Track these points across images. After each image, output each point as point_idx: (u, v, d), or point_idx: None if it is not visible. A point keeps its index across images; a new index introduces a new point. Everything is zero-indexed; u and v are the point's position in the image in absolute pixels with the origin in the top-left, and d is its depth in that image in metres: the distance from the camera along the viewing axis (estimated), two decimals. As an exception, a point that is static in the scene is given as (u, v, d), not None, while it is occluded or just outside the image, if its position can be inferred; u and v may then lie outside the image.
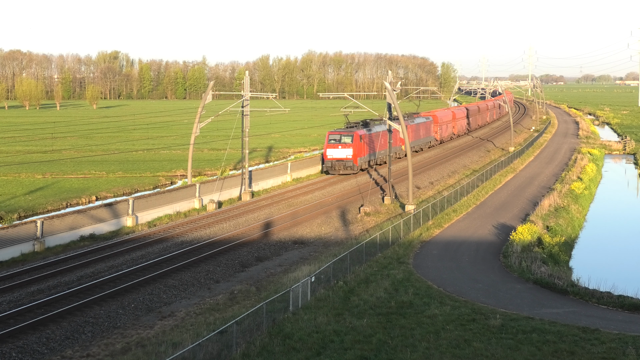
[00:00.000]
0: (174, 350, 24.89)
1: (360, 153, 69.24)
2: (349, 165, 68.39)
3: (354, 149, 68.42)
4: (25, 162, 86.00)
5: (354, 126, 72.87)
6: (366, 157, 71.22)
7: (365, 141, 70.47)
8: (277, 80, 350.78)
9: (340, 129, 73.46)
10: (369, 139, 71.94)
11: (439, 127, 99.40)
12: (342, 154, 68.63)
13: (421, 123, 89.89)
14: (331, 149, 68.71)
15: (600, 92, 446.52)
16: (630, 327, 28.50)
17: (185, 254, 40.06)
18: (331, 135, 69.61)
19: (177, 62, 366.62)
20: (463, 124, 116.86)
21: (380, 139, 73.63)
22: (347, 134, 69.24)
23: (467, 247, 42.62)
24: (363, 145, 69.82)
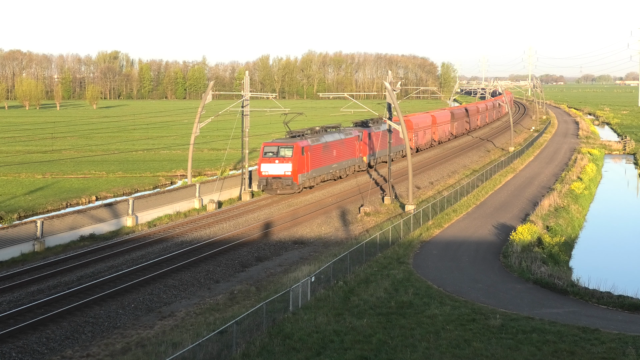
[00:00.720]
0: (174, 350, 24.89)
1: (303, 168, 57.97)
2: (287, 184, 56.83)
3: (295, 164, 56.99)
4: (25, 162, 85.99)
5: (298, 135, 60.90)
6: (312, 173, 59.64)
7: (311, 154, 59.18)
8: (277, 80, 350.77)
9: (279, 139, 61.88)
10: (319, 151, 60.75)
11: (414, 133, 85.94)
12: (279, 170, 56.98)
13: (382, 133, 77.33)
14: (266, 164, 57.04)
15: (600, 92, 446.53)
16: (630, 327, 28.50)
17: (185, 254, 40.06)
18: (267, 147, 57.88)
19: (177, 62, 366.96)
20: (446, 129, 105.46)
21: (343, 147, 65.48)
22: (286, 146, 57.57)
23: (467, 247, 42.62)
24: (307, 159, 58.46)
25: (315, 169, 60.67)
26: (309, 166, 59.35)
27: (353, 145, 68.06)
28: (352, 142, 67.69)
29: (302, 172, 58.01)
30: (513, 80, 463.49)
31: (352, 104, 72.55)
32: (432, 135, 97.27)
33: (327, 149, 62.57)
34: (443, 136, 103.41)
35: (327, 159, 63.09)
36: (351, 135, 67.90)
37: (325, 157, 62.53)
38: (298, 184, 57.35)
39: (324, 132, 64.54)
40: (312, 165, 59.91)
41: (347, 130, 68.50)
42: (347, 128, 71.51)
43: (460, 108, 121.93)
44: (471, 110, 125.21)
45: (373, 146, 72.55)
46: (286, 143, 58.08)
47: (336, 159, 64.81)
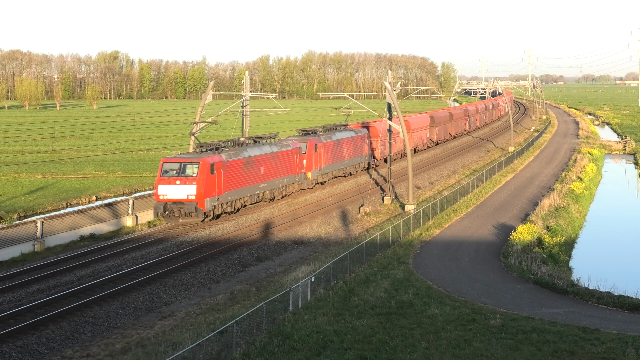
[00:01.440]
0: (174, 350, 24.89)
1: (213, 190, 46.59)
2: (189, 211, 45.60)
3: (201, 185, 45.67)
4: (25, 162, 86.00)
5: (211, 149, 49.60)
6: (227, 196, 48.30)
7: (226, 171, 48.02)
8: (277, 80, 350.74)
9: (185, 153, 50.20)
10: (238, 168, 49.64)
11: (379, 142, 75.29)
12: (181, 193, 45.85)
13: (346, 139, 66.76)
14: (165, 185, 46.05)
15: (600, 92, 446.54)
16: (630, 327, 28.50)
17: (185, 254, 40.06)
18: (167, 164, 46.85)
19: (177, 62, 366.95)
20: (423, 136, 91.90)
21: (276, 162, 54.60)
22: (191, 162, 46.35)
23: (467, 247, 42.62)
24: (219, 178, 47.25)
25: (233, 191, 49.17)
26: (223, 187, 47.79)
27: (291, 159, 56.84)
28: (289, 156, 56.48)
29: (210, 196, 46.48)
30: (513, 80, 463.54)
31: (352, 104, 72.55)
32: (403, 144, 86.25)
33: (250, 165, 51.18)
34: (420, 144, 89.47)
35: (251, 178, 51.48)
36: (289, 147, 56.76)
37: (248, 175, 51.06)
38: (205, 211, 46.08)
39: (250, 145, 53.56)
40: (228, 186, 48.42)
41: (283, 142, 57.71)
42: (287, 139, 60.90)
43: (443, 111, 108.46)
44: (456, 114, 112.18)
45: (321, 159, 61.37)
46: (191, 159, 46.73)
47: (265, 177, 53.01)
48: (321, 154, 61.63)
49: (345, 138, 67.00)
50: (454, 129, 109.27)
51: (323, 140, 62.19)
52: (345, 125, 69.91)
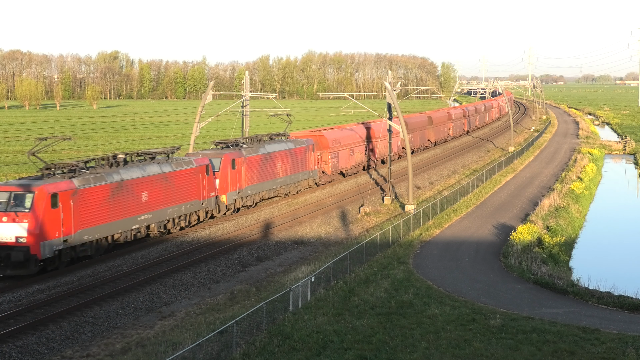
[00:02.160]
0: (174, 350, 24.89)
1: (58, 229, 34.81)
2: (16, 259, 33.70)
3: (36, 222, 33.82)
4: (25, 162, 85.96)
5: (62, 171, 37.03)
6: (81, 235, 36.30)
7: (85, 201, 36.33)
8: (277, 80, 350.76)
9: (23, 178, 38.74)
10: (103, 195, 37.58)
11: (330, 154, 63.66)
12: (7, 233, 33.87)
13: (280, 152, 55.38)
14: None
15: (600, 92, 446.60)
16: (630, 327, 28.51)
17: (185, 254, 40.06)
18: None
19: (177, 62, 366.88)
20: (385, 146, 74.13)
21: (169, 185, 42.73)
22: (22, 191, 34.55)
23: (467, 247, 42.63)
24: (71, 211, 35.46)
25: (97, 227, 37.36)
26: (77, 223, 35.94)
27: (194, 180, 45.07)
28: (191, 177, 44.77)
29: (52, 237, 34.54)
30: (513, 80, 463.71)
31: (352, 104, 72.50)
32: (360, 156, 71.58)
33: (124, 192, 39.01)
34: (385, 153, 75.57)
35: (128, 208, 39.42)
36: (190, 165, 44.87)
37: (121, 205, 38.83)
38: (41, 257, 34.04)
39: (127, 165, 41.13)
40: (87, 221, 36.61)
41: (182, 160, 45.16)
42: (190, 155, 49.01)
43: (422, 115, 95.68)
44: (438, 118, 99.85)
45: (242, 178, 50.08)
46: (22, 187, 34.72)
47: (151, 206, 41.17)
48: (242, 171, 50.08)
49: (280, 151, 55.29)
50: (434, 134, 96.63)
51: (245, 155, 50.58)
52: (285, 135, 59.18)
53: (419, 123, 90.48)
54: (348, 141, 67.91)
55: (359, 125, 74.85)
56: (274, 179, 54.71)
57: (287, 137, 59.20)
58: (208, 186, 46.76)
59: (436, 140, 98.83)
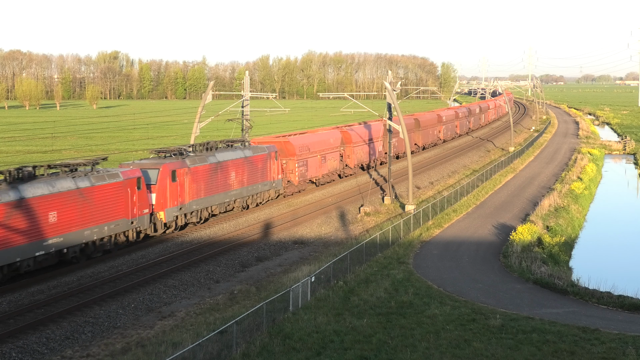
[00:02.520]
0: (174, 350, 24.89)
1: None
2: None
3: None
4: (25, 162, 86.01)
5: None
6: None
7: None
8: (277, 80, 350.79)
9: None
10: None
11: (297, 162, 57.95)
12: None
13: (235, 161, 49.59)
14: None
15: (600, 92, 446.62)
16: (630, 327, 28.51)
17: (185, 254, 40.07)
18: None
19: (177, 62, 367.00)
20: (363, 152, 71.11)
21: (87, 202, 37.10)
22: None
23: (467, 247, 42.63)
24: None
25: None
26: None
27: (121, 196, 39.74)
28: (116, 192, 39.43)
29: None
30: (513, 80, 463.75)
31: (352, 104, 72.49)
32: (335, 163, 65.70)
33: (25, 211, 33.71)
34: (362, 160, 70.80)
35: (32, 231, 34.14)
36: (115, 179, 39.68)
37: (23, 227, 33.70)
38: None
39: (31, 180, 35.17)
40: None
41: (105, 173, 39.49)
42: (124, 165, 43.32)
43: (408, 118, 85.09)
44: (425, 120, 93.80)
45: (185, 192, 44.09)
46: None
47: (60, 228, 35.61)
48: (185, 183, 44.35)
49: (235, 159, 49.63)
50: (421, 138, 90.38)
51: (189, 164, 44.86)
52: (243, 142, 53.23)
53: (412, 125, 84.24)
54: (319, 147, 61.80)
55: (333, 130, 68.61)
56: (227, 191, 48.68)
57: (247, 144, 53.28)
58: (140, 202, 40.96)
59: (424, 144, 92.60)
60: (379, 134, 75.40)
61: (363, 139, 71.45)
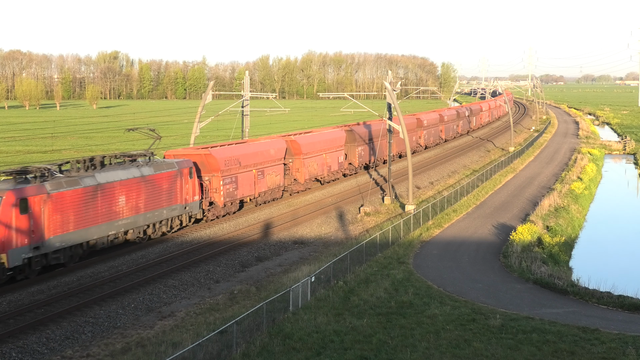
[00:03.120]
0: (174, 350, 24.90)
1: None
2: None
3: None
4: (25, 162, 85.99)
5: None
6: None
7: None
8: (277, 80, 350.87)
9: None
10: None
11: (222, 179, 48.06)
12: None
13: (127, 181, 40.02)
14: None
15: (600, 92, 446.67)
16: (630, 327, 28.51)
17: (185, 254, 40.07)
18: None
19: (177, 62, 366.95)
20: (318, 163, 61.80)
21: None
22: None
23: (467, 247, 42.63)
24: None
25: None
26: None
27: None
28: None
29: None
30: (513, 80, 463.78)
31: (352, 104, 72.46)
32: (288, 174, 57.79)
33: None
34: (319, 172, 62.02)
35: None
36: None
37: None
38: None
39: None
40: None
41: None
42: None
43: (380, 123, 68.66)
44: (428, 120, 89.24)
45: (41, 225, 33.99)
46: None
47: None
48: (42, 214, 34.35)
49: (126, 180, 39.93)
50: (396, 145, 77.66)
51: (49, 190, 34.72)
52: (145, 155, 43.77)
53: (379, 131, 70.75)
54: (255, 160, 52.11)
55: (276, 139, 58.12)
56: (113, 221, 38.89)
57: (151, 159, 43.59)
58: (192, 189, 39.66)
59: (399, 152, 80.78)
60: (341, 141, 66.47)
61: (320, 149, 61.69)
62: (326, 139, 63.22)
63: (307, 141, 59.95)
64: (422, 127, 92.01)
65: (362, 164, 71.32)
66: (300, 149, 58.42)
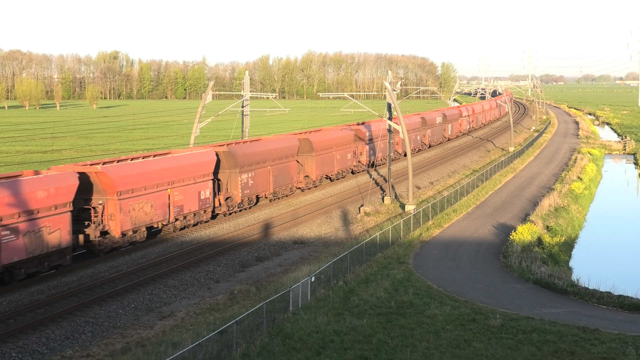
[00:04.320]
0: (174, 350, 24.89)
1: None
2: None
3: None
4: (25, 162, 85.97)
5: None
6: None
7: None
8: (277, 80, 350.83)
9: None
10: None
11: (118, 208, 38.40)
12: None
13: None
14: None
15: (600, 92, 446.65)
16: (630, 327, 28.51)
17: (185, 254, 40.06)
18: None
19: (177, 62, 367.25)
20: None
21: None
22: None
23: (467, 247, 42.62)
24: None
25: None
26: None
27: None
28: None
29: None
30: (513, 80, 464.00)
31: (352, 104, 72.39)
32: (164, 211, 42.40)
33: None
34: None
35: None
36: None
37: None
38: None
39: None
40: None
41: None
42: None
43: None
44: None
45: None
46: None
47: None
48: None
49: None
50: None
51: None
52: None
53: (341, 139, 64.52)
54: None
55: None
56: None
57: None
58: None
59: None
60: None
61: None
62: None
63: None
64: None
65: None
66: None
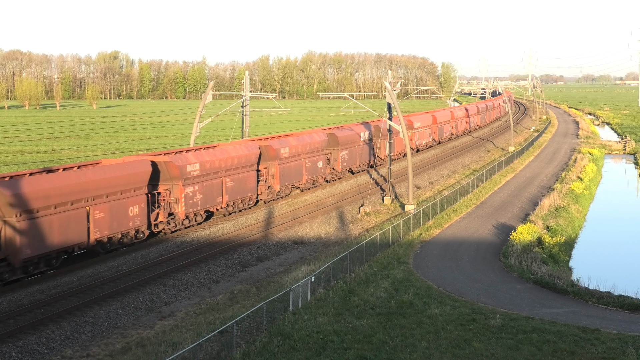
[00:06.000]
0: (174, 350, 24.90)
1: None
2: None
3: None
4: (25, 162, 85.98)
5: None
6: None
7: None
8: (277, 80, 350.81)
9: None
10: None
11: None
12: None
13: None
14: None
15: (600, 92, 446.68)
16: (630, 327, 28.52)
17: (185, 254, 40.06)
18: None
19: (177, 62, 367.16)
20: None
21: None
22: None
23: (467, 247, 42.62)
24: None
25: None
26: None
27: None
28: None
29: None
30: (513, 80, 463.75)
31: (352, 104, 72.39)
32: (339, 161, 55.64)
33: None
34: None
35: None
36: None
37: None
38: None
39: None
40: None
41: None
42: None
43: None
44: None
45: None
46: None
47: None
48: None
49: None
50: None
51: None
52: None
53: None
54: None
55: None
56: None
57: None
58: None
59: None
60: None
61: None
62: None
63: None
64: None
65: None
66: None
